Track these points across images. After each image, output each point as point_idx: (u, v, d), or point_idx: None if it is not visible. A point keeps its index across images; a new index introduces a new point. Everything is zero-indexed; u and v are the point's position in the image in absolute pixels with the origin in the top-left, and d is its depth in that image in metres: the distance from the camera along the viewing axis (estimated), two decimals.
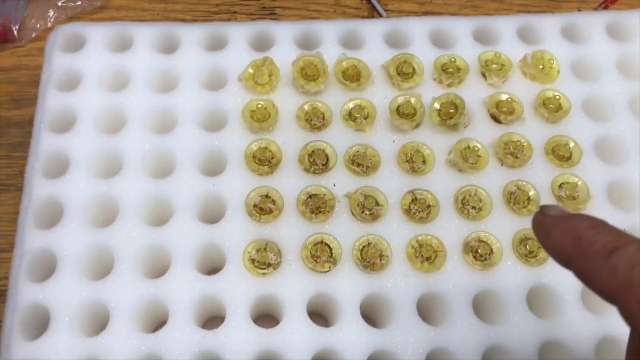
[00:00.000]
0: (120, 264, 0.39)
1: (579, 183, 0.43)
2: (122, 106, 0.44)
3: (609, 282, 0.24)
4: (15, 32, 0.54)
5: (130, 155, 0.43)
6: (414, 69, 0.46)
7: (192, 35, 0.47)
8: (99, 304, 0.38)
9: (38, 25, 0.55)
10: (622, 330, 0.39)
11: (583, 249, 0.25)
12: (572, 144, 0.44)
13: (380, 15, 0.57)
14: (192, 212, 0.41)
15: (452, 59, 0.47)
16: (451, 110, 0.44)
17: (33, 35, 0.55)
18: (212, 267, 0.40)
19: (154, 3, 0.57)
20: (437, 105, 0.44)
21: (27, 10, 0.55)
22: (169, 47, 0.47)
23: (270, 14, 0.58)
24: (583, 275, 0.25)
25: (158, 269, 0.40)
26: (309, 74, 0.45)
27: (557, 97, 0.46)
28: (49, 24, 0.55)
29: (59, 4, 0.55)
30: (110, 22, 0.49)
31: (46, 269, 0.39)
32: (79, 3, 0.56)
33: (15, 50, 0.54)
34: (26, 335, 0.37)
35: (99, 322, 0.38)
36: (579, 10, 0.59)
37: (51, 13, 0.55)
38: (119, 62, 0.46)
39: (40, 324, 0.38)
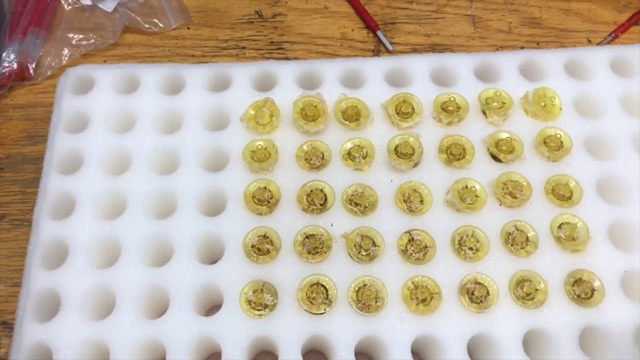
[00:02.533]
0: (122, 304, 0.40)
1: (579, 224, 0.43)
2: (128, 147, 0.46)
3: None
4: (32, 71, 0.56)
5: (133, 196, 0.44)
6: (413, 108, 0.46)
7: (197, 75, 0.48)
8: (101, 344, 0.39)
9: (53, 64, 0.57)
10: None
11: None
12: (572, 184, 0.44)
13: (387, 49, 0.58)
14: (192, 252, 0.42)
15: (452, 98, 0.47)
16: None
17: (49, 73, 0.56)
18: (210, 308, 0.41)
19: (165, 39, 0.59)
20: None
21: (43, 48, 0.57)
22: (175, 87, 0.48)
23: (278, 49, 0.59)
24: None
25: (158, 309, 0.41)
26: (308, 114, 0.46)
27: (559, 135, 0.46)
28: (64, 62, 0.57)
29: (73, 42, 0.57)
30: (118, 64, 0.50)
31: (51, 308, 0.40)
32: (93, 41, 0.57)
33: (32, 87, 0.56)
34: None
35: None
36: (589, 41, 0.59)
37: (66, 51, 0.57)
38: (126, 104, 0.47)
39: None
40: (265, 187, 0.44)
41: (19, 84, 0.56)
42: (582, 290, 0.41)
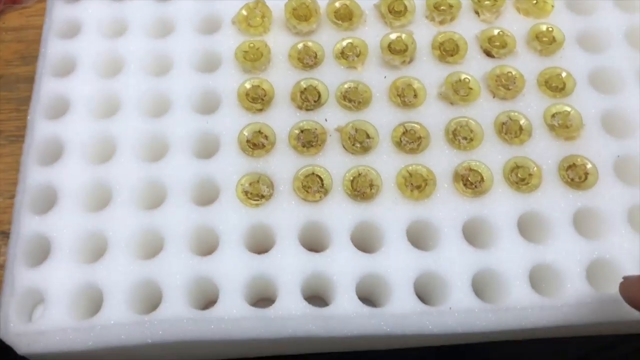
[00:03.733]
0: (118, 197, 0.41)
1: (572, 112, 0.43)
2: (120, 52, 0.46)
3: None
4: None
5: (127, 98, 0.44)
6: (405, 7, 0.46)
7: None
8: (100, 234, 0.40)
9: None
10: (613, 252, 0.39)
11: None
12: (564, 75, 0.44)
13: None
14: (187, 148, 0.42)
15: None
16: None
17: None
18: (207, 201, 0.41)
19: None
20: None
21: None
22: None
23: None
24: None
25: (155, 201, 0.41)
26: (301, 14, 0.46)
27: (550, 30, 0.46)
28: None
29: None
30: None
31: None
32: None
33: (23, 11, 0.56)
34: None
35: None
36: None
37: None
38: (117, 11, 0.47)
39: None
40: (258, 86, 0.44)
41: (10, 7, 0.56)
42: (575, 174, 0.41)
